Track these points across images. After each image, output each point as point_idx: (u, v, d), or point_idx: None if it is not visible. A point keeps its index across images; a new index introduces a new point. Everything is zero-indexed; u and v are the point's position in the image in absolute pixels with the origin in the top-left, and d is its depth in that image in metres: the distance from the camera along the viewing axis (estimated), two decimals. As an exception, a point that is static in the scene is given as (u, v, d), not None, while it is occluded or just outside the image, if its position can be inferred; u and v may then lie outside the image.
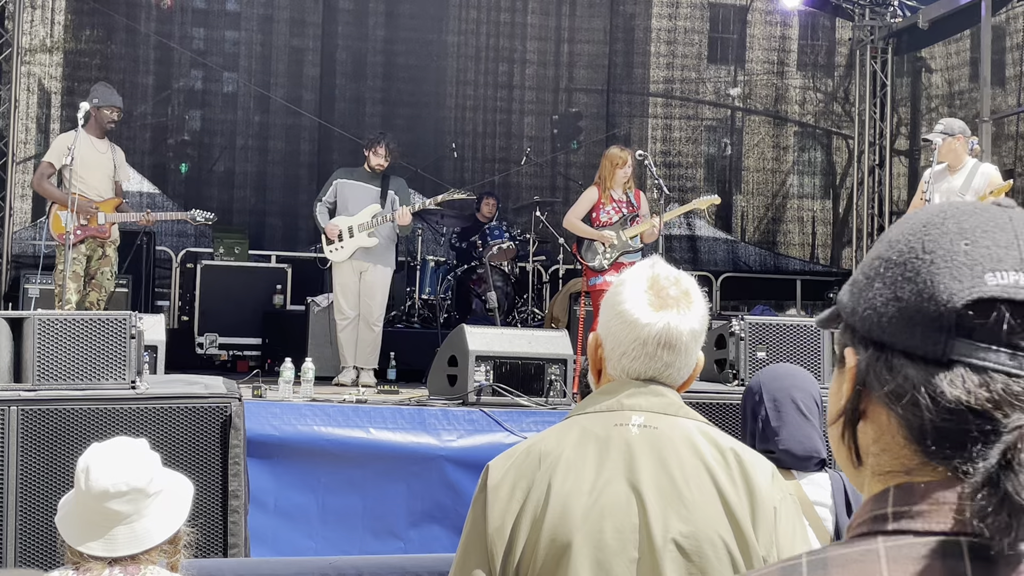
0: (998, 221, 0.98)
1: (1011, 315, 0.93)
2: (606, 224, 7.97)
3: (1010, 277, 0.94)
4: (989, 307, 0.94)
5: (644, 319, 1.96)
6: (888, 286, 1.00)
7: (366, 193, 8.42)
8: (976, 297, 0.94)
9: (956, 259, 0.96)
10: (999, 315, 0.94)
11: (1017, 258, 0.95)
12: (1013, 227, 0.97)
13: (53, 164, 8.05)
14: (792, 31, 14.16)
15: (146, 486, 2.52)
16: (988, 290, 0.94)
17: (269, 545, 5.80)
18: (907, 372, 0.97)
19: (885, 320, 1.00)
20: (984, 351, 0.94)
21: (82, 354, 4.73)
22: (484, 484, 1.99)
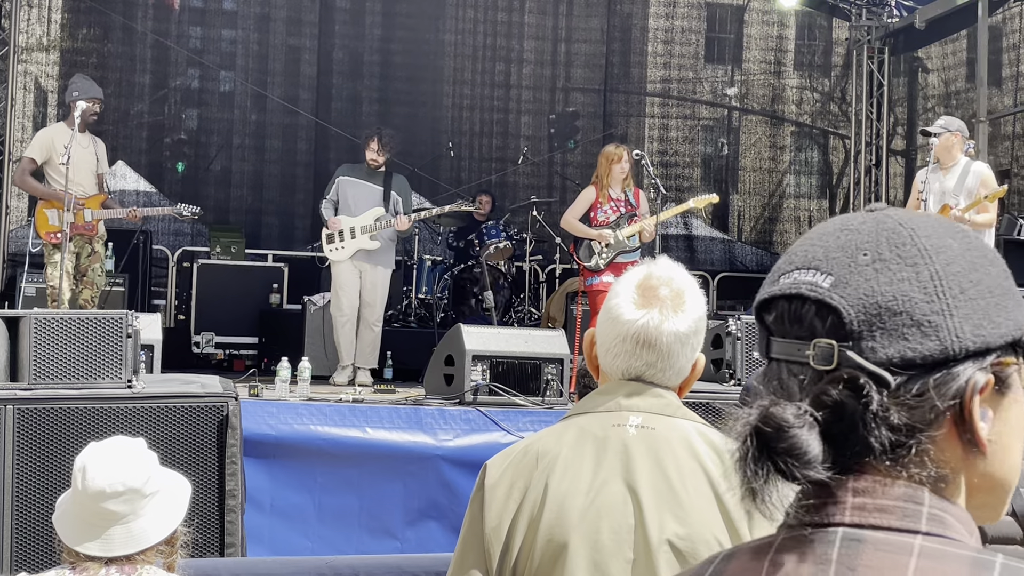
0: (827, 229, 1.05)
1: (787, 310, 1.01)
2: (604, 224, 7.91)
3: (792, 276, 1.01)
4: (772, 305, 1.02)
5: (625, 316, 1.96)
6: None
7: (369, 192, 8.42)
8: (762, 298, 1.03)
9: (773, 269, 1.05)
10: (776, 311, 1.02)
11: (807, 258, 1.02)
12: (837, 231, 1.03)
13: (35, 160, 7.92)
14: (789, 31, 14.17)
15: (142, 486, 2.51)
16: (772, 290, 1.02)
17: (266, 544, 5.80)
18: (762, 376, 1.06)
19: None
20: (780, 345, 1.01)
21: (78, 353, 4.73)
22: (481, 483, 1.99)
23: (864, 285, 0.98)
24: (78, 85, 8.15)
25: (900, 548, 0.93)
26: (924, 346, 0.96)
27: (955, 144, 7.66)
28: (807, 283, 0.99)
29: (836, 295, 0.98)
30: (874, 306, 0.97)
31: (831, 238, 1.02)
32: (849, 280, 0.98)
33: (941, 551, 0.93)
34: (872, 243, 1.00)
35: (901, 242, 1.00)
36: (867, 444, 0.95)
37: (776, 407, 0.95)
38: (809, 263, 1.01)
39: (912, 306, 0.96)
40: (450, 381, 6.84)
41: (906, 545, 0.94)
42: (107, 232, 8.39)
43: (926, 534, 0.94)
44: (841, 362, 0.96)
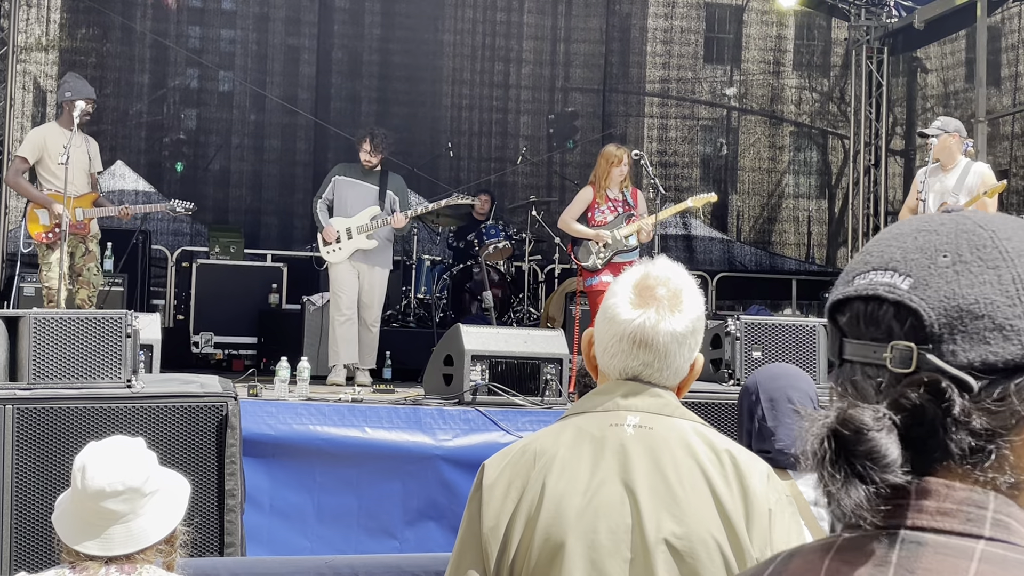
0: (903, 229, 1.03)
1: (864, 311, 0.99)
2: (601, 224, 7.91)
3: (868, 277, 1.00)
4: (847, 306, 1.01)
5: (622, 316, 1.96)
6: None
7: (364, 192, 8.39)
8: (837, 298, 1.02)
9: (846, 270, 1.05)
10: (851, 312, 1.01)
11: (884, 259, 1.01)
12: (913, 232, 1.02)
13: (27, 159, 7.88)
14: (788, 31, 14.17)
15: (142, 485, 2.52)
16: (847, 290, 1.01)
17: (265, 544, 5.80)
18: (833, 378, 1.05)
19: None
20: (855, 347, 1.00)
21: (78, 353, 4.73)
22: (479, 483, 2.00)
23: (945, 287, 0.96)
24: (71, 84, 8.08)
25: (961, 552, 0.92)
26: (1006, 350, 0.94)
27: (954, 145, 7.68)
28: (885, 284, 0.98)
29: (916, 297, 0.97)
30: (955, 309, 0.95)
31: (908, 239, 1.01)
32: (929, 282, 0.97)
33: (1003, 556, 0.92)
34: (952, 245, 0.99)
35: (982, 244, 0.98)
36: (946, 448, 0.94)
37: (854, 410, 0.94)
38: (886, 264, 1.00)
39: (994, 309, 0.95)
40: (449, 381, 6.84)
41: (967, 549, 0.93)
42: (106, 232, 8.36)
43: (989, 539, 0.93)
44: (920, 365, 0.95)
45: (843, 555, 0.97)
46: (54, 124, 7.97)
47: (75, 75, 8.56)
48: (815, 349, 5.54)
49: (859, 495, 0.93)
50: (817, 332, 5.57)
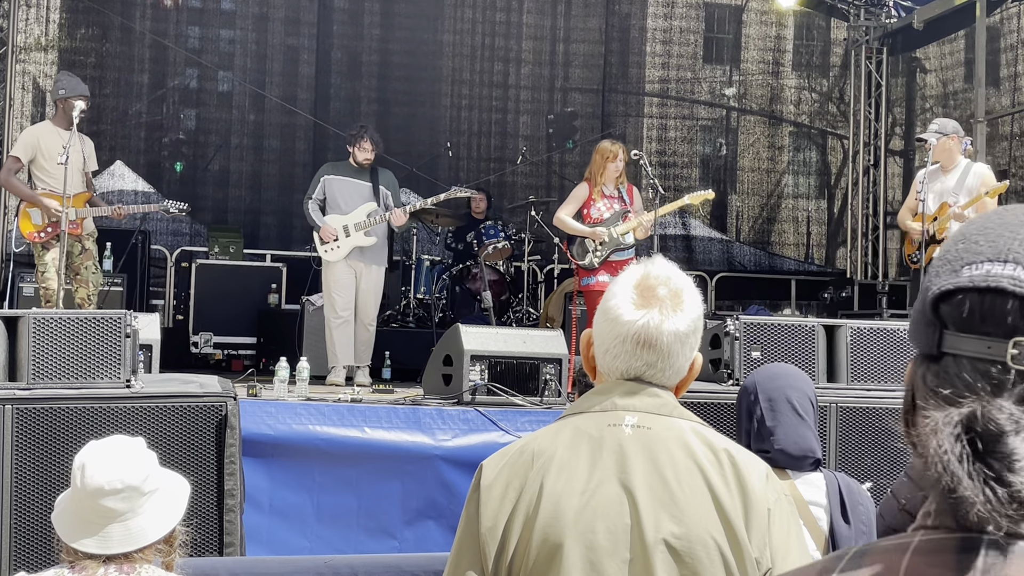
0: (1008, 220, 1.00)
1: (979, 303, 0.95)
2: (597, 220, 7.84)
3: (983, 268, 0.96)
4: (959, 298, 0.96)
5: (625, 316, 1.95)
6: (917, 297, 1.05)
7: (357, 189, 8.30)
8: (945, 289, 0.97)
9: (948, 257, 1.00)
10: (964, 304, 0.96)
11: (997, 250, 0.96)
12: (1018, 223, 0.98)
13: (20, 159, 7.83)
14: (787, 31, 14.18)
15: (141, 484, 2.52)
16: (958, 281, 0.96)
17: (264, 544, 5.80)
18: (921, 371, 1.00)
19: (911, 325, 1.04)
20: (963, 341, 0.96)
21: (77, 353, 4.73)
22: (477, 484, 2.00)
23: None
24: (64, 82, 8.00)
25: None
26: None
27: (953, 146, 7.69)
28: (1008, 277, 0.94)
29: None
30: None
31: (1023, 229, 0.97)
32: None
33: None
34: None
35: None
36: None
37: (989, 409, 0.90)
38: (1002, 255, 0.96)
39: None
40: (448, 381, 6.84)
41: None
42: (105, 232, 8.34)
43: None
44: None
45: (923, 556, 0.94)
46: (48, 123, 7.92)
47: (68, 73, 8.53)
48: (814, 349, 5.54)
49: (992, 497, 0.89)
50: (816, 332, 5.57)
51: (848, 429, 5.15)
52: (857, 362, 5.34)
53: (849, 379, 5.34)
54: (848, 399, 5.22)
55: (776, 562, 1.89)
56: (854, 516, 3.12)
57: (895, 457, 4.91)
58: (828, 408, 5.14)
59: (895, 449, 4.93)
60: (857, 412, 5.18)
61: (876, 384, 5.31)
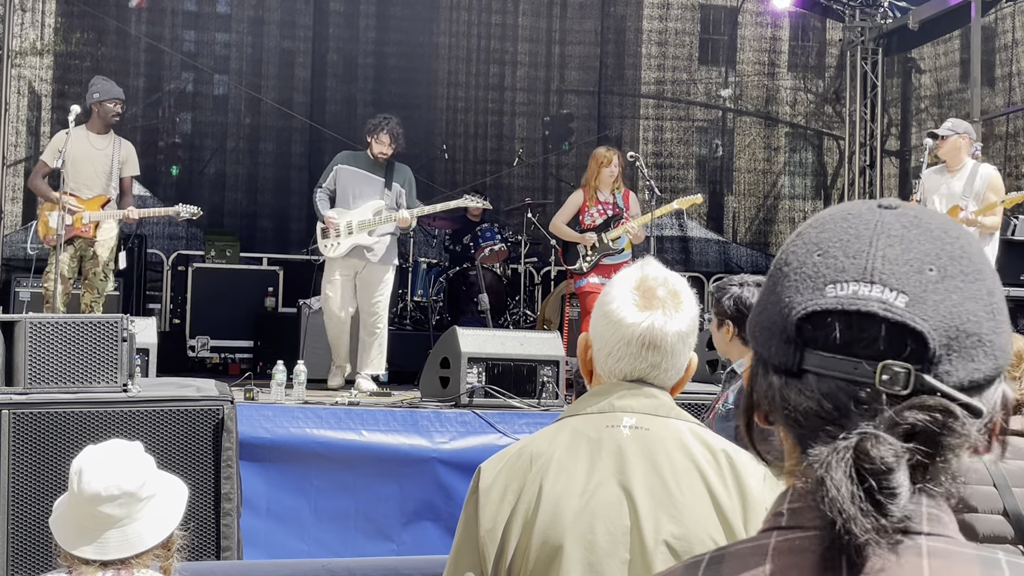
0: (859, 229, 0.99)
1: (847, 326, 0.94)
2: (590, 227, 7.96)
3: (849, 288, 0.95)
4: (826, 319, 0.95)
5: (629, 319, 1.96)
6: (761, 296, 1.04)
7: (369, 184, 7.89)
8: (811, 310, 0.96)
9: (804, 271, 0.98)
10: (833, 327, 0.94)
11: (861, 268, 0.96)
12: (872, 235, 0.98)
13: (47, 163, 7.91)
14: (783, 32, 14.19)
15: (138, 490, 2.51)
16: (824, 302, 0.95)
17: (261, 547, 5.80)
18: (771, 380, 1.00)
19: (756, 328, 1.03)
20: (828, 360, 0.95)
21: (74, 357, 4.72)
22: (476, 486, 1.99)
23: (941, 306, 0.93)
24: (99, 87, 8.15)
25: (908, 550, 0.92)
26: (986, 366, 0.94)
27: (963, 147, 7.62)
28: (878, 301, 0.93)
29: (918, 318, 0.93)
30: (953, 329, 0.93)
31: (880, 245, 0.97)
32: (925, 299, 0.93)
33: (946, 550, 0.92)
34: (933, 256, 0.96)
35: (958, 255, 0.96)
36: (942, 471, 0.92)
37: (876, 445, 0.90)
38: (867, 275, 0.95)
39: (979, 326, 0.94)
40: (446, 384, 6.84)
41: (913, 546, 0.92)
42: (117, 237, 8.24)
43: (928, 534, 0.93)
44: (917, 387, 0.92)
45: (785, 558, 0.95)
46: (81, 127, 7.90)
47: (103, 77, 8.57)
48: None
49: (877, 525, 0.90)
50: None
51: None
52: (854, 362, 5.34)
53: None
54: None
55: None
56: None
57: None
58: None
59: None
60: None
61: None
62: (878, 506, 0.89)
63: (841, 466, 0.90)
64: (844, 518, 0.89)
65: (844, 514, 0.89)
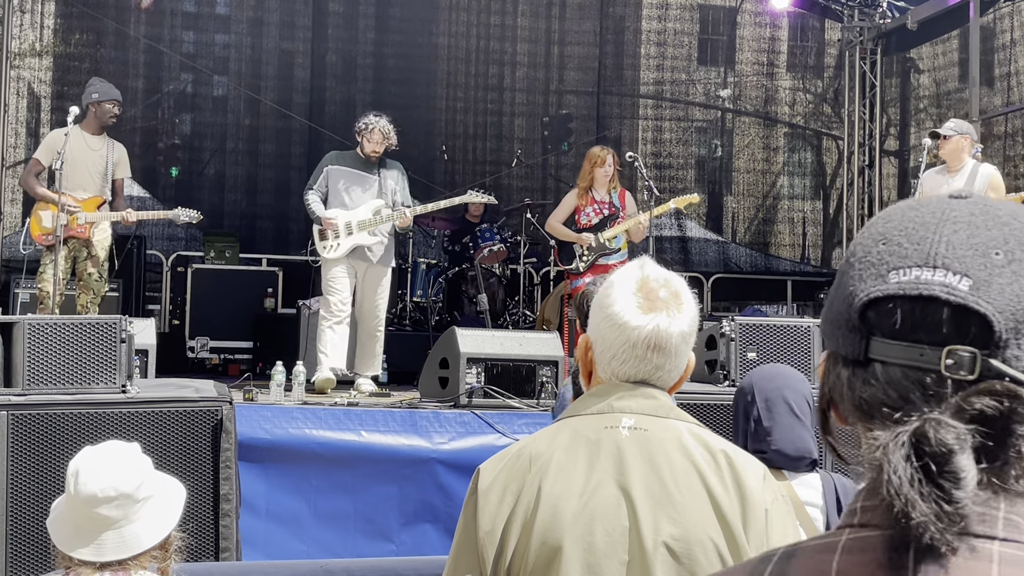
0: (926, 218, 0.99)
1: (910, 311, 0.94)
2: (586, 226, 7.92)
3: (911, 273, 0.95)
4: (888, 305, 0.95)
5: (634, 322, 1.95)
6: (831, 292, 1.04)
7: (363, 183, 7.77)
8: (873, 296, 0.96)
9: (868, 260, 0.99)
10: (896, 312, 0.95)
11: (925, 253, 0.96)
12: (938, 222, 0.98)
13: (41, 162, 7.88)
14: (781, 32, 14.19)
15: (135, 491, 2.50)
16: (886, 288, 0.96)
17: (260, 548, 5.80)
18: (840, 372, 1.00)
19: (825, 324, 1.03)
20: (892, 348, 0.95)
21: (72, 358, 4.72)
22: (475, 487, 1.99)
23: (1008, 289, 0.93)
24: (97, 87, 8.13)
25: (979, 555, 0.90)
26: None
27: (964, 148, 7.66)
28: (940, 285, 0.93)
29: (982, 301, 0.92)
30: (1021, 312, 0.92)
31: (946, 230, 0.96)
32: (990, 283, 0.93)
33: (1018, 557, 0.91)
34: (999, 240, 0.95)
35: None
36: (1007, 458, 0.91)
37: (937, 429, 0.89)
38: (931, 260, 0.95)
39: None
40: (445, 384, 6.84)
41: (984, 551, 0.91)
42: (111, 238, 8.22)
43: (1004, 540, 0.91)
44: (984, 372, 0.91)
45: (853, 556, 0.94)
46: (76, 127, 7.87)
47: (100, 79, 8.57)
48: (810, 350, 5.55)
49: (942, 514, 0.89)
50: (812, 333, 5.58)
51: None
52: (853, 362, 5.34)
53: (845, 379, 5.34)
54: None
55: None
56: (850, 517, 3.11)
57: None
58: (825, 409, 5.13)
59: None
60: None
61: (872, 384, 5.31)
62: (940, 490, 0.88)
63: (900, 450, 0.90)
64: (904, 502, 0.88)
65: (903, 498, 0.88)
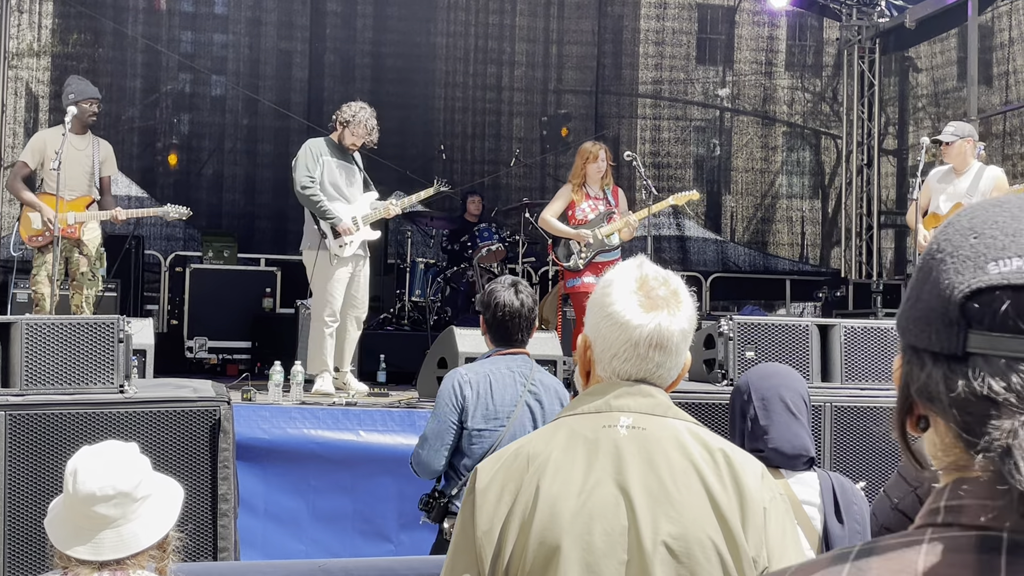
0: (1014, 211, 0.98)
1: (1015, 301, 0.93)
2: (582, 222, 7.82)
3: (1013, 263, 0.94)
4: (992, 296, 0.94)
5: (635, 321, 1.95)
6: (913, 289, 1.02)
7: (351, 175, 7.58)
8: (975, 287, 0.94)
9: (962, 253, 0.97)
10: (1000, 302, 0.93)
11: (1022, 244, 0.95)
12: (1015, 213, 0.97)
13: (28, 164, 7.83)
14: (780, 31, 14.20)
15: (133, 490, 2.50)
16: (989, 279, 0.94)
17: (259, 548, 5.80)
18: (931, 371, 0.98)
19: (911, 322, 1.01)
20: (995, 340, 0.93)
21: (70, 358, 4.72)
22: (473, 487, 1.99)
23: None
24: (73, 87, 8.04)
25: None
26: None
27: (968, 150, 7.70)
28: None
29: None
30: None
31: None
32: None
33: None
34: None
35: None
36: None
37: None
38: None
39: None
40: (443, 384, 6.83)
41: None
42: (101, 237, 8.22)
43: None
44: None
45: (941, 556, 0.93)
46: (58, 128, 7.83)
47: (77, 77, 8.48)
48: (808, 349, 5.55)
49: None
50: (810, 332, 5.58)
51: (843, 428, 5.16)
52: (851, 361, 5.35)
53: (843, 378, 5.35)
54: (842, 398, 5.23)
55: (772, 561, 1.88)
56: (848, 516, 3.11)
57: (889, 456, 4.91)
58: (823, 407, 5.15)
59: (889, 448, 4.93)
60: (851, 411, 5.19)
61: (870, 383, 5.32)
62: None
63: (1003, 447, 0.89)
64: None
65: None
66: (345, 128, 7.46)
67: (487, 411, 4.19)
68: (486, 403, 4.20)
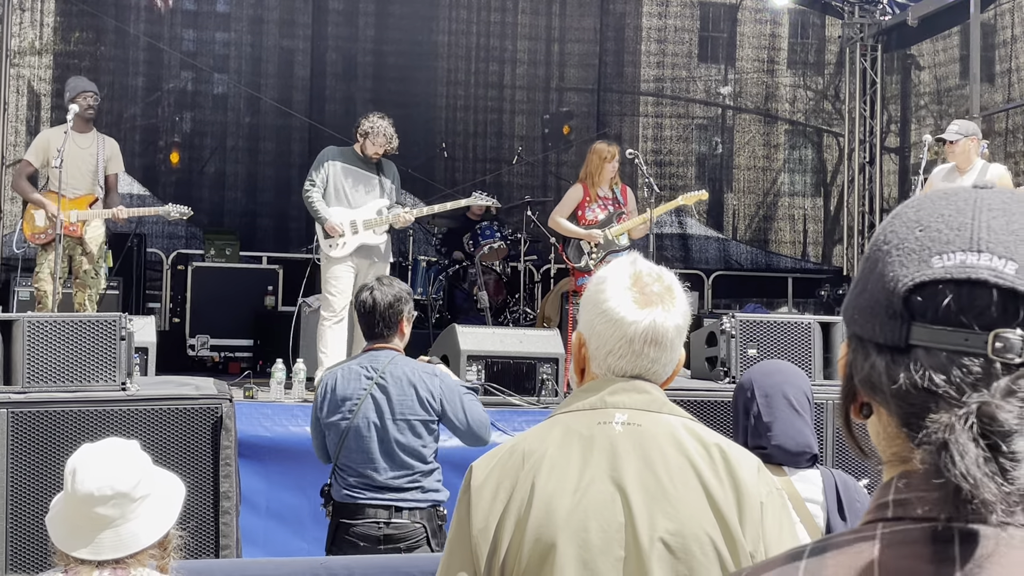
0: (960, 205, 0.99)
1: (956, 295, 0.94)
2: (592, 222, 7.83)
3: (956, 258, 0.95)
4: (935, 289, 0.95)
5: (630, 317, 1.95)
6: (859, 279, 1.03)
7: (364, 181, 7.75)
8: (919, 281, 0.96)
9: (907, 246, 0.98)
10: (943, 296, 0.95)
11: (967, 238, 0.96)
12: (974, 209, 0.98)
13: (32, 162, 7.88)
14: (782, 29, 14.18)
15: (131, 490, 2.49)
16: (932, 273, 0.95)
17: (260, 546, 5.80)
18: (875, 361, 0.99)
19: (856, 312, 1.02)
20: (937, 333, 0.95)
21: (72, 356, 4.72)
22: (468, 485, 1.99)
23: None
24: (70, 86, 8.10)
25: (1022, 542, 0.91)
26: None
27: (972, 149, 7.70)
28: (987, 268, 0.94)
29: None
30: None
31: (983, 216, 0.97)
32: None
33: None
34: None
35: None
36: None
37: (995, 408, 0.90)
38: (974, 244, 0.96)
39: None
40: (445, 381, 6.82)
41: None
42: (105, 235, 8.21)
43: None
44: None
45: (894, 548, 0.94)
46: (63, 126, 7.82)
47: (76, 76, 8.54)
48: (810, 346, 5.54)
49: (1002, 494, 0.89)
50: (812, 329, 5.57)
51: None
52: (853, 359, 5.33)
53: (845, 376, 5.33)
54: (844, 396, 5.21)
55: (770, 555, 1.88)
56: (850, 513, 3.11)
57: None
58: (825, 405, 5.14)
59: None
60: (854, 409, 5.17)
61: (873, 381, 5.30)
62: (1003, 472, 0.89)
63: (966, 430, 0.90)
64: (971, 483, 0.88)
65: (971, 479, 0.88)
66: (365, 139, 7.73)
67: (332, 404, 4.50)
68: (331, 397, 4.50)
